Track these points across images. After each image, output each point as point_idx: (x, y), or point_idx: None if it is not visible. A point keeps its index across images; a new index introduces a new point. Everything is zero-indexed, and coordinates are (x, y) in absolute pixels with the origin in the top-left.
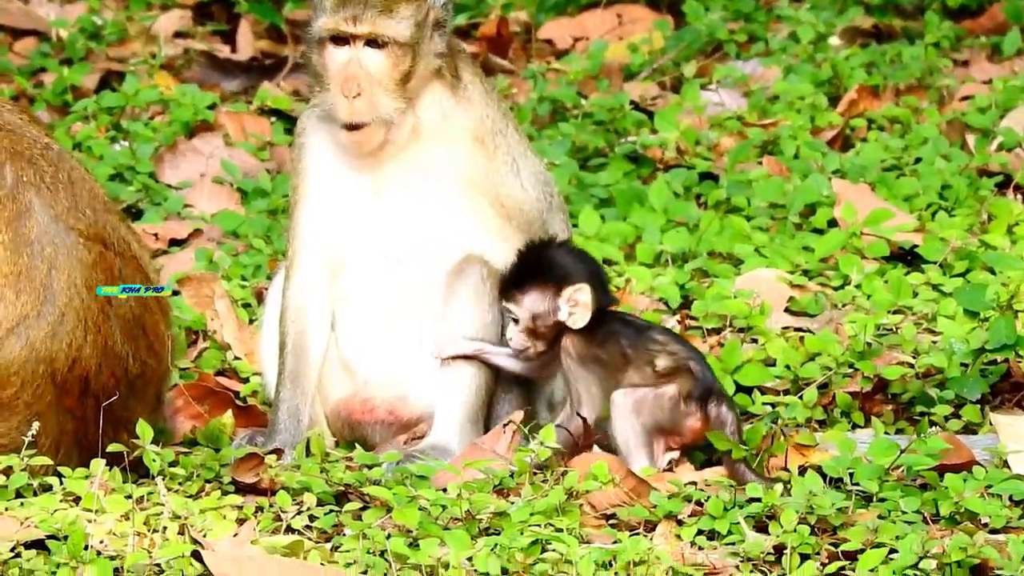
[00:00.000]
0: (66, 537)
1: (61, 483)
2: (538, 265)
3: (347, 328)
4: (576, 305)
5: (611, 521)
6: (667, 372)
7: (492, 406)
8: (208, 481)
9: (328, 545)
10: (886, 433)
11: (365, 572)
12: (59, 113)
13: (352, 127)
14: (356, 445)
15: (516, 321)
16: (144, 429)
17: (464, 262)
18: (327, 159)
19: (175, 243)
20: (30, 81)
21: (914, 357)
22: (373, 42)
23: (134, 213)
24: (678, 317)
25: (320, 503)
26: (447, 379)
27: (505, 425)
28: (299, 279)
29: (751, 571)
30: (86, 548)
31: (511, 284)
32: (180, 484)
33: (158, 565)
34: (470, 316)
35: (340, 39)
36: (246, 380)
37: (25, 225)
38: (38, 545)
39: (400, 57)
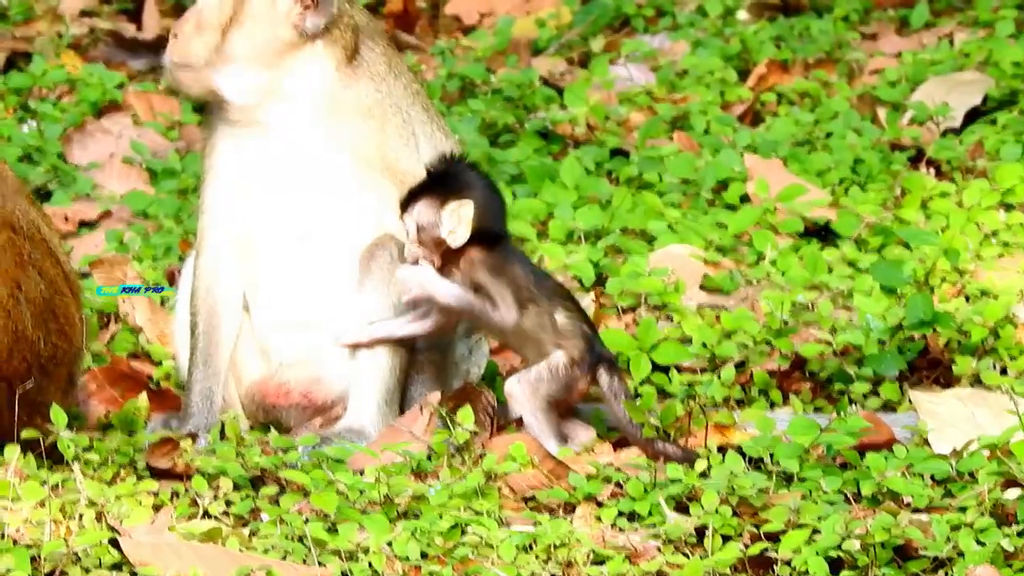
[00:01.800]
0: None
1: None
2: (431, 177)
3: (259, 310)
4: (459, 221)
5: (531, 504)
6: (563, 331)
7: (407, 387)
8: (123, 466)
9: (246, 530)
10: (805, 412)
11: (284, 557)
12: None
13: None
14: (271, 428)
15: (408, 233)
16: (58, 415)
17: (375, 243)
18: (231, 137)
19: (85, 225)
20: None
21: (831, 334)
22: None
23: (43, 195)
24: (592, 295)
25: (236, 487)
26: (360, 361)
27: (422, 407)
28: (208, 260)
29: (672, 553)
30: (2, 537)
31: (407, 195)
32: (95, 470)
33: (76, 553)
34: (379, 299)
35: None
36: (159, 363)
37: None
38: None
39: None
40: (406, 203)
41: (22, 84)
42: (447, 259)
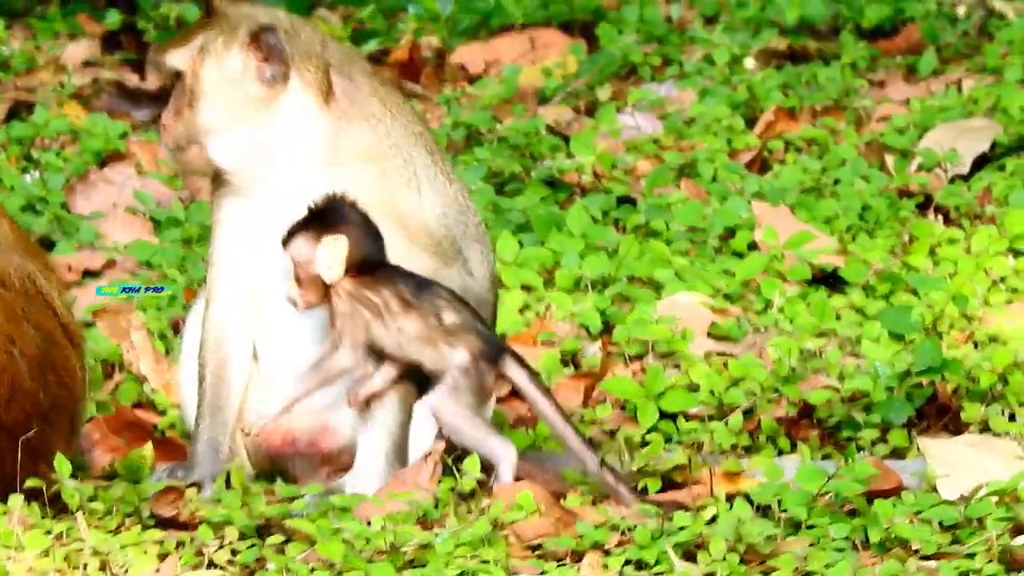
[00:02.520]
0: None
1: None
2: (307, 213)
3: (267, 360)
4: (333, 257)
5: (537, 552)
6: (454, 330)
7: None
8: (128, 515)
9: None
10: (813, 459)
11: None
12: None
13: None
14: (278, 478)
15: (286, 271)
16: (62, 463)
17: None
18: (236, 194)
19: (88, 274)
20: None
21: (839, 381)
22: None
23: (47, 244)
24: (599, 343)
25: (242, 536)
26: (366, 417)
27: (427, 456)
28: (218, 311)
29: None
30: None
31: (285, 233)
32: (100, 519)
33: None
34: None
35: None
36: (164, 413)
37: None
38: None
39: (191, 90)
40: (284, 240)
41: (25, 134)
42: (323, 293)
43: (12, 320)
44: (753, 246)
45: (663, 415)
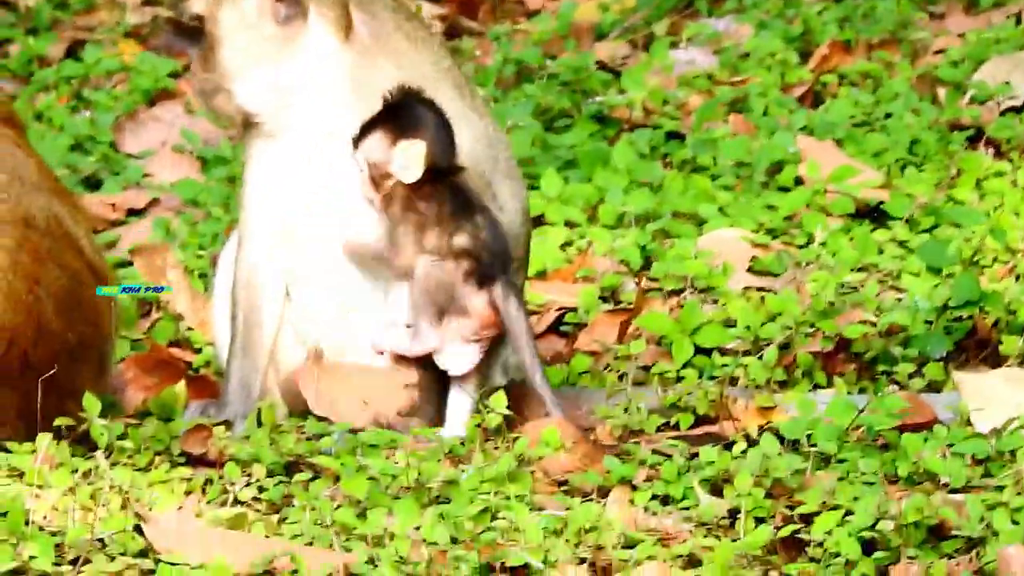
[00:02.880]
0: (5, 514)
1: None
2: (384, 113)
3: (301, 299)
4: (409, 158)
5: (564, 487)
6: (458, 252)
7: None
8: (158, 453)
9: (276, 516)
10: (848, 393)
11: (310, 543)
12: (24, 84)
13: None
14: (309, 416)
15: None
16: (90, 402)
17: None
18: (265, 136)
19: (133, 212)
20: None
21: (877, 315)
22: None
23: (94, 184)
24: (636, 279)
25: (271, 474)
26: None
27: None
28: (251, 250)
29: (704, 536)
30: (27, 524)
31: (358, 131)
32: (129, 457)
33: (101, 540)
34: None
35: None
36: (199, 351)
37: None
38: None
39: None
40: (356, 139)
41: (76, 73)
42: (395, 195)
43: (37, 260)
44: (800, 181)
45: (699, 351)
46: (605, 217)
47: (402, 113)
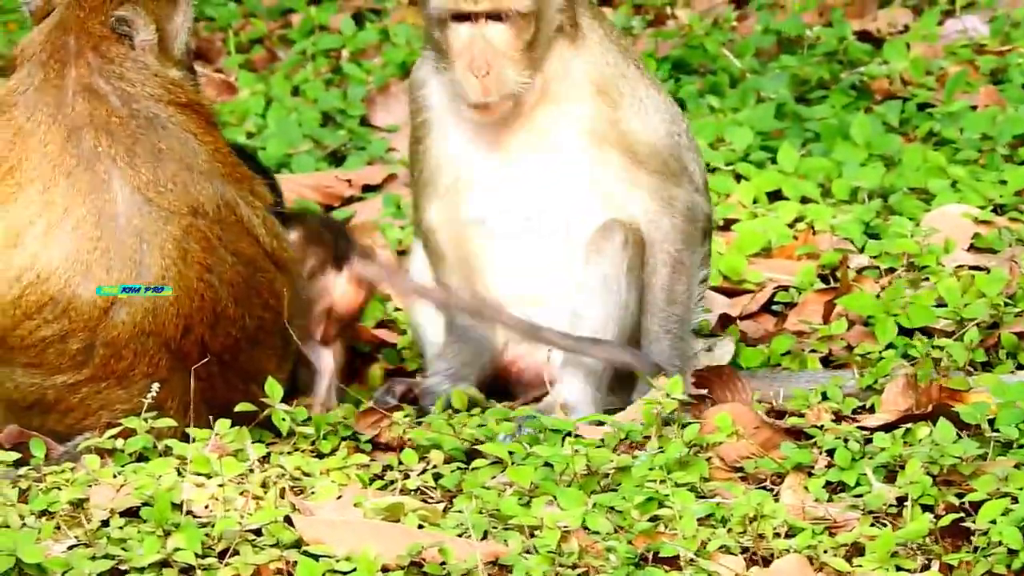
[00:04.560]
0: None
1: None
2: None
3: (491, 287)
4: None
5: (740, 474)
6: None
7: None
8: (344, 439)
9: (443, 505)
10: None
11: (462, 535)
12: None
13: (481, 106)
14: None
15: None
16: (273, 387)
17: (606, 224)
18: (451, 121)
19: (368, 188)
20: (278, 22)
21: None
22: (495, 15)
23: (339, 159)
24: (843, 258)
25: (449, 460)
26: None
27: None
28: (433, 250)
29: (871, 524)
30: (184, 514)
31: None
32: (312, 443)
33: (256, 530)
34: (606, 279)
35: (461, 16)
36: (404, 332)
37: (103, 198)
38: (137, 512)
39: (524, 27)
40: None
41: (333, 45)
42: None
43: (208, 249)
44: None
45: (902, 330)
46: (839, 192)
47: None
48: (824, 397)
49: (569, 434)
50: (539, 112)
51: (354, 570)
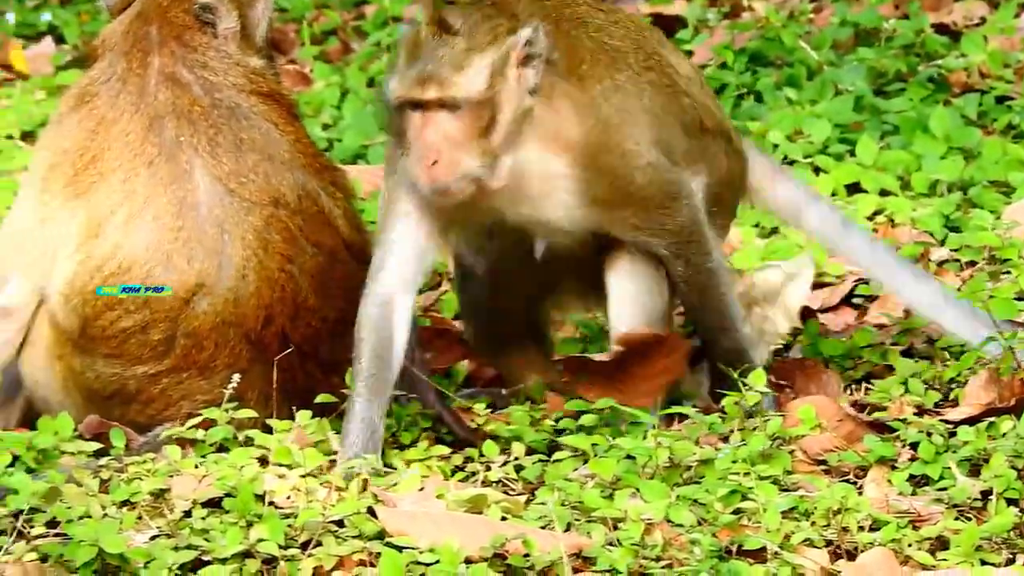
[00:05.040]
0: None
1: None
2: None
3: None
4: None
5: (823, 467)
6: None
7: None
8: (424, 430)
9: (525, 498)
10: None
11: (545, 527)
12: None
13: (439, 191)
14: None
15: None
16: (352, 378)
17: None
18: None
19: None
20: (352, 13)
21: None
22: (447, 104)
23: None
24: (924, 251)
25: (530, 452)
26: None
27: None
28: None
29: (956, 518)
30: (270, 504)
31: None
32: (393, 434)
33: (339, 522)
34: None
35: (415, 104)
36: None
37: (185, 188)
38: (219, 503)
39: (478, 114)
40: None
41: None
42: None
43: (289, 240)
44: None
45: None
46: (918, 185)
47: None
48: (906, 390)
49: (652, 427)
50: (522, 187)
51: (437, 562)
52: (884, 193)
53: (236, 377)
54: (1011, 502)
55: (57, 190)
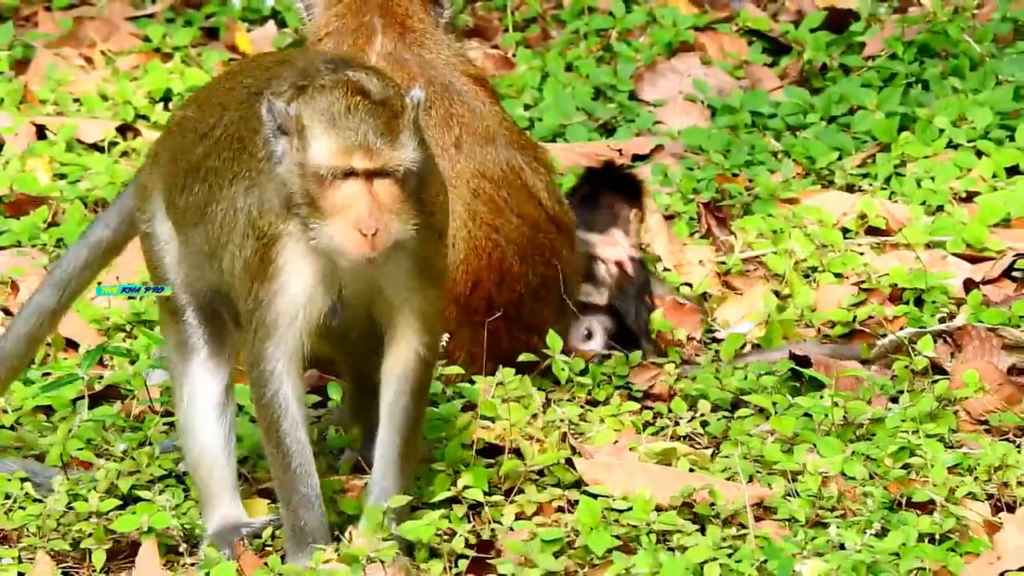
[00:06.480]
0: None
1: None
2: None
3: None
4: None
5: (985, 427)
6: None
7: None
8: (618, 388)
9: (710, 451)
10: None
11: (730, 478)
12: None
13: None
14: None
15: None
16: (554, 339)
17: None
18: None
19: (637, 158)
20: (551, 2)
21: None
22: (383, 172)
23: (609, 130)
24: None
25: (715, 409)
26: None
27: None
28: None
29: None
30: (478, 453)
31: None
32: (588, 392)
33: (538, 471)
34: None
35: (348, 172)
36: (677, 290)
37: None
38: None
39: (410, 179)
40: None
41: (603, 25)
42: None
43: (494, 211)
44: None
45: None
46: None
47: None
48: None
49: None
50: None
51: (630, 509)
52: None
53: (445, 337)
54: None
55: None
